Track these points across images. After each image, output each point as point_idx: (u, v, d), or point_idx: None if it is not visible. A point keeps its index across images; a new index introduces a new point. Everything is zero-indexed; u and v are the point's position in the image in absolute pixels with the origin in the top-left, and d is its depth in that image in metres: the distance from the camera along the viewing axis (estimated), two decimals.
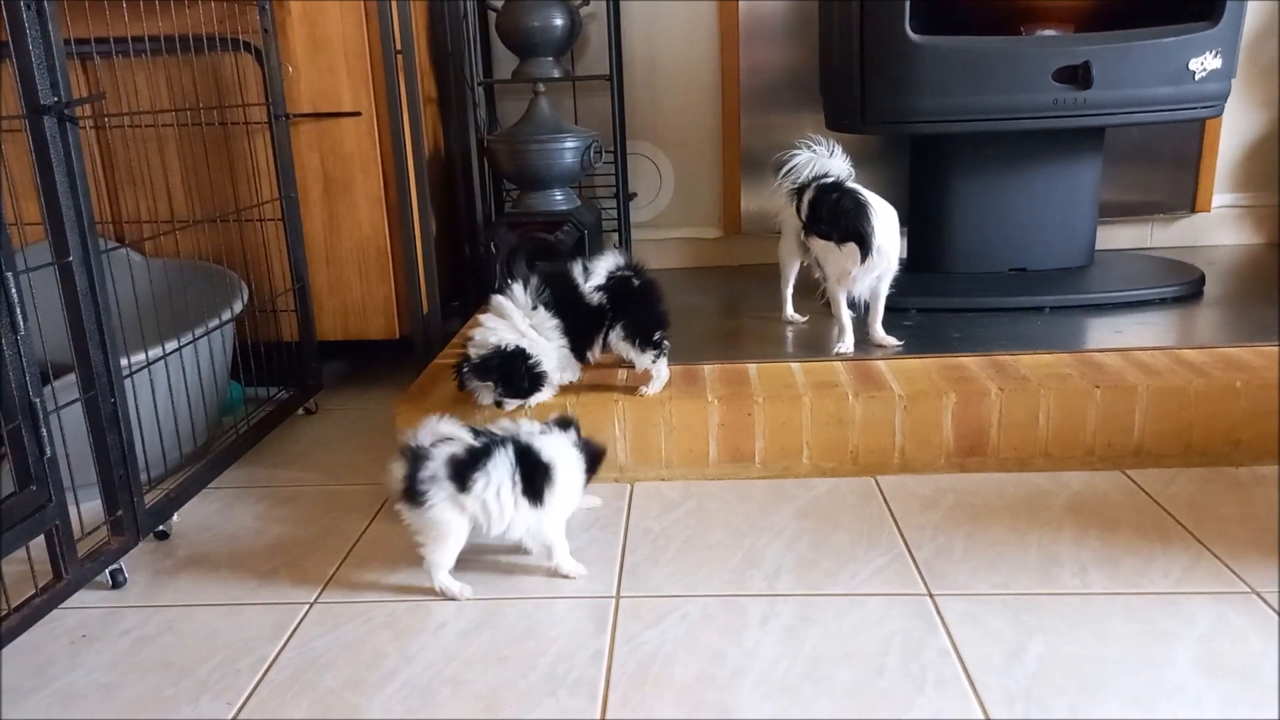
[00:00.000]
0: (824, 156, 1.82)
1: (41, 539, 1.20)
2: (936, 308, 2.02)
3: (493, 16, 2.32)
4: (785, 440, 1.61)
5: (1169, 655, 1.10)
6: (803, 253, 1.89)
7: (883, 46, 1.94)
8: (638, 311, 1.58)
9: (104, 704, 1.11)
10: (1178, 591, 1.23)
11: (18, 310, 1.13)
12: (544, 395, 1.59)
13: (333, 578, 1.37)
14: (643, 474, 1.64)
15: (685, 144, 2.57)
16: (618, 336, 1.58)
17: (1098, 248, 2.21)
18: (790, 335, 1.93)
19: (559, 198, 2.24)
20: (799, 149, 1.84)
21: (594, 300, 1.56)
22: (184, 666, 1.17)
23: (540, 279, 1.59)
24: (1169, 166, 2.52)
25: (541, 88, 2.22)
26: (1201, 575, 1.27)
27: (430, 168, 2.05)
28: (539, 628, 1.22)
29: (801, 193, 1.82)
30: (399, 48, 1.88)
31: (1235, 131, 2.50)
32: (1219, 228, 2.58)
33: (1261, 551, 1.32)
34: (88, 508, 1.31)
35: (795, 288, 1.99)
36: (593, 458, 1.37)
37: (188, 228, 1.93)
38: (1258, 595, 1.21)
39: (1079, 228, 2.16)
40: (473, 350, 1.55)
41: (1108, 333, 1.84)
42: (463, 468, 1.26)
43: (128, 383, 1.37)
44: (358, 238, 2.02)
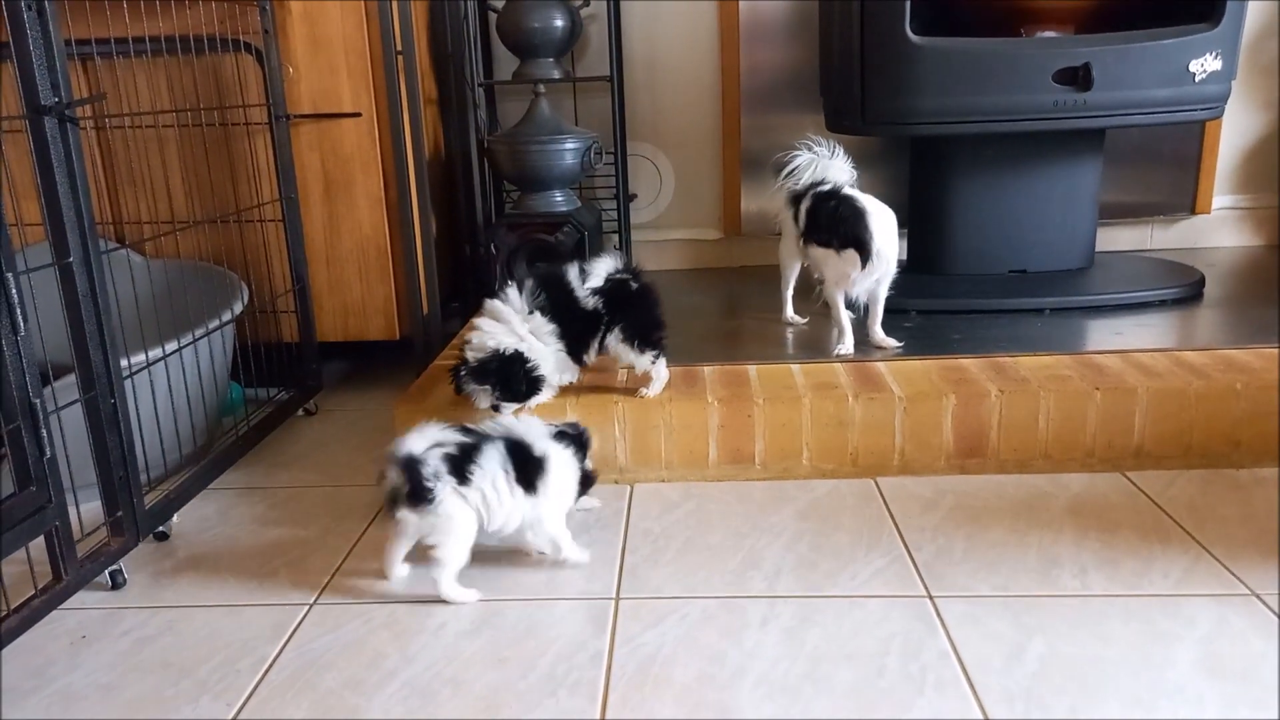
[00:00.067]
0: (825, 157, 1.82)
1: (41, 540, 1.20)
2: (936, 309, 2.02)
3: (493, 17, 2.33)
4: (785, 441, 1.61)
5: (1169, 656, 1.10)
6: (803, 255, 1.89)
7: (883, 47, 1.95)
8: (636, 314, 1.58)
9: (104, 704, 1.11)
10: (1178, 593, 1.23)
11: (18, 311, 1.13)
12: (543, 397, 1.59)
13: (333, 578, 1.37)
14: (643, 475, 1.64)
15: (685, 145, 2.57)
16: (616, 339, 1.57)
17: (1098, 249, 2.21)
18: (790, 336, 1.93)
19: (559, 199, 2.24)
20: (800, 150, 1.84)
21: (590, 304, 1.56)
22: (184, 667, 1.17)
23: (535, 282, 1.58)
24: (1169, 168, 2.52)
25: (542, 89, 2.23)
26: (1201, 577, 1.27)
27: (430, 168, 2.05)
28: (539, 628, 1.22)
29: (798, 201, 1.82)
30: (399, 48, 1.88)
31: (1235, 133, 2.51)
32: (1219, 229, 2.59)
33: (1261, 553, 1.32)
34: (87, 508, 1.31)
35: (795, 289, 1.99)
36: (582, 447, 1.41)
37: (188, 228, 1.93)
38: (1258, 597, 1.21)
39: (1079, 229, 2.16)
40: (470, 354, 1.54)
41: (1108, 334, 1.84)
42: (459, 462, 1.28)
43: (128, 383, 1.37)
44: (358, 238, 2.02)
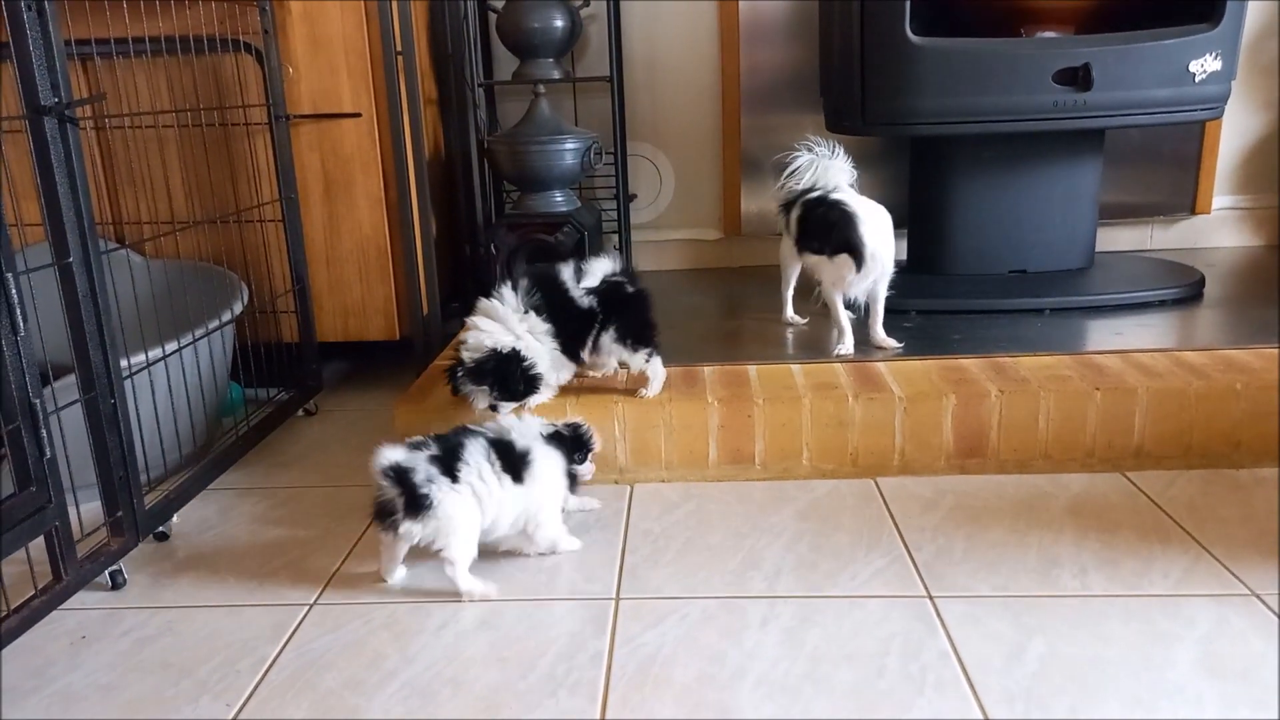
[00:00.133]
0: (825, 158, 1.82)
1: (41, 540, 1.20)
2: (936, 309, 2.02)
3: (493, 17, 2.33)
4: (785, 442, 1.61)
5: (1169, 656, 1.10)
6: (800, 258, 1.89)
7: (883, 48, 1.95)
8: (630, 315, 1.58)
9: (104, 705, 1.11)
10: (1178, 593, 1.23)
11: (18, 311, 1.13)
12: (541, 397, 1.59)
13: (332, 578, 1.37)
14: (643, 475, 1.64)
15: (685, 145, 2.57)
16: (610, 338, 1.58)
17: (1098, 249, 2.21)
18: (790, 337, 1.93)
19: (559, 199, 2.24)
20: (800, 151, 1.84)
21: (586, 303, 1.57)
22: (184, 667, 1.17)
23: (530, 281, 1.58)
24: (1169, 168, 2.52)
25: (542, 89, 2.23)
26: (1201, 577, 1.27)
27: (430, 169, 2.05)
28: (539, 628, 1.22)
29: (789, 209, 1.81)
30: (399, 48, 1.88)
31: (1235, 133, 2.51)
32: (1219, 229, 2.58)
33: (1261, 553, 1.32)
34: (87, 509, 1.31)
35: (795, 289, 1.99)
36: (580, 446, 1.43)
37: (188, 229, 1.93)
38: (1257, 597, 1.21)
39: (1079, 229, 2.16)
40: (466, 354, 1.53)
41: (1108, 334, 1.84)
42: (446, 462, 1.29)
43: (128, 384, 1.37)
44: (358, 238, 2.02)
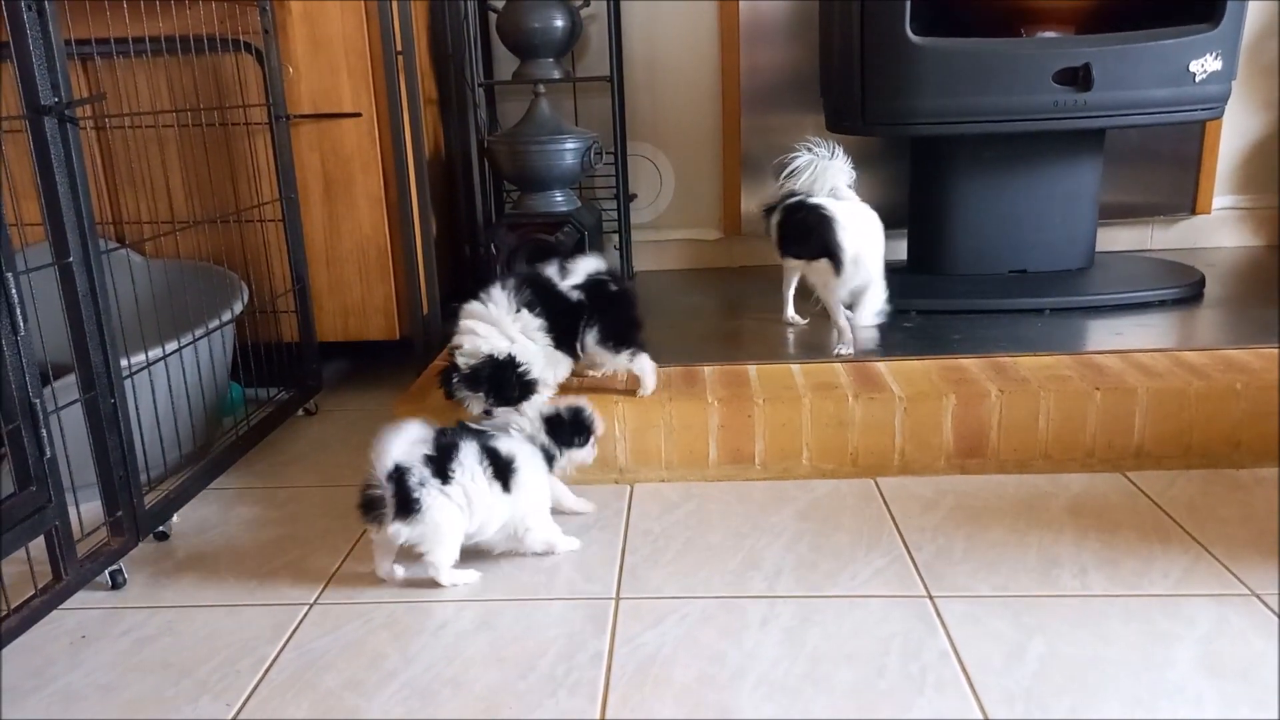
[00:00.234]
0: (825, 159, 1.82)
1: (41, 540, 1.20)
2: (937, 309, 2.02)
3: (493, 17, 2.32)
4: (785, 441, 1.61)
5: (1169, 656, 1.10)
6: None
7: (883, 48, 1.94)
8: (612, 316, 1.59)
9: (104, 704, 1.11)
10: (1178, 593, 1.23)
11: (18, 311, 1.13)
12: (540, 399, 1.58)
13: (332, 578, 1.37)
14: (643, 475, 1.64)
15: (685, 145, 2.57)
16: (594, 339, 1.58)
17: (1098, 249, 2.20)
18: (790, 337, 1.93)
19: (559, 199, 2.24)
20: (799, 152, 1.84)
21: (575, 296, 1.57)
22: (184, 667, 1.17)
23: (518, 281, 1.58)
24: (1169, 168, 2.52)
25: (542, 89, 2.22)
26: (1201, 577, 1.27)
27: (430, 168, 2.05)
28: (539, 629, 1.22)
29: (770, 213, 1.80)
30: (399, 48, 1.88)
31: (1235, 133, 2.51)
32: (1219, 230, 2.58)
33: (1261, 554, 1.32)
34: (87, 508, 1.31)
35: (796, 289, 1.99)
36: (546, 458, 1.42)
37: (188, 228, 1.93)
38: (1258, 597, 1.21)
39: (1079, 229, 2.16)
40: (461, 359, 1.52)
41: (1108, 334, 1.84)
42: (441, 463, 1.29)
43: (128, 383, 1.37)
44: (358, 238, 2.02)
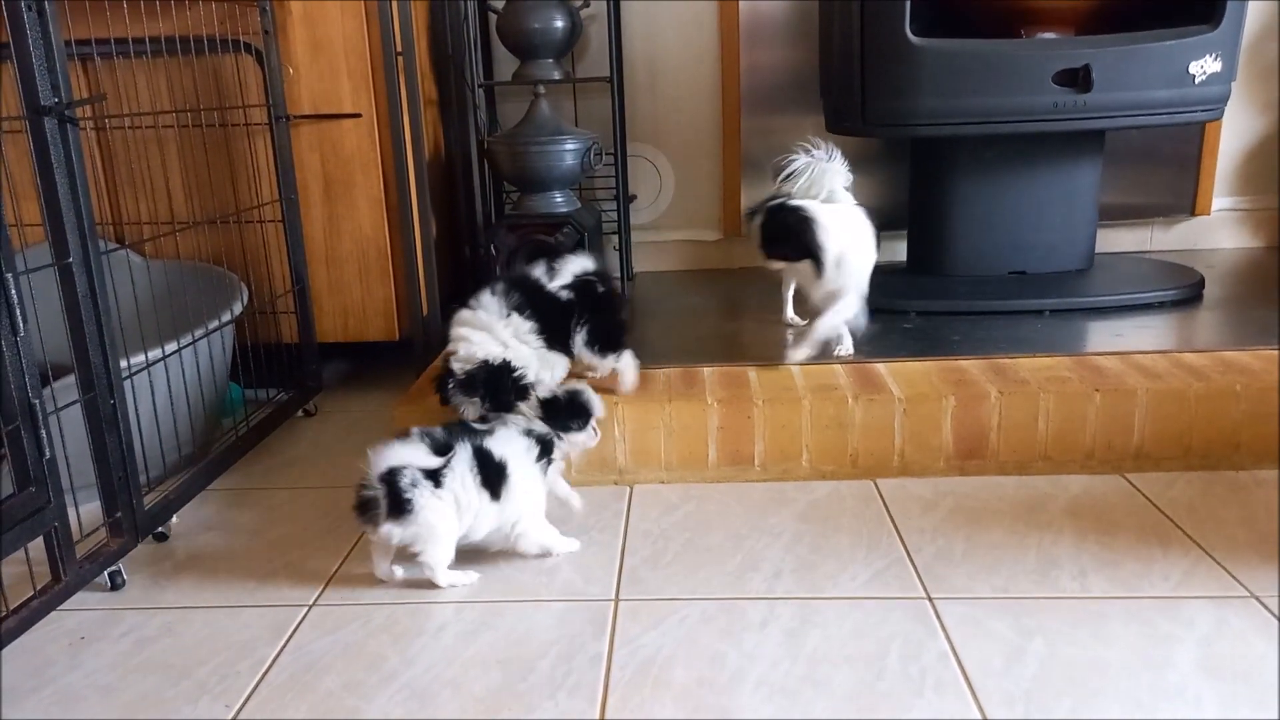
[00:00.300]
0: (822, 161, 1.82)
1: (40, 540, 1.20)
2: (936, 310, 2.02)
3: (493, 18, 2.32)
4: (785, 443, 1.61)
5: (1169, 658, 1.10)
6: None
7: (883, 48, 1.94)
8: (600, 317, 1.59)
9: (103, 705, 1.11)
10: (1177, 595, 1.23)
11: (18, 312, 1.13)
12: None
13: (332, 579, 1.37)
14: (642, 476, 1.64)
15: (685, 146, 2.57)
16: (581, 342, 1.58)
17: (1097, 251, 2.20)
18: (790, 338, 1.92)
19: (559, 200, 2.24)
20: (797, 154, 1.83)
21: (564, 296, 1.57)
22: (183, 668, 1.17)
23: (506, 285, 1.58)
24: (1169, 169, 2.52)
25: (542, 89, 2.22)
26: (1201, 579, 1.27)
27: (430, 169, 2.05)
28: (538, 630, 1.22)
29: (753, 216, 1.79)
30: (399, 49, 1.88)
31: (1235, 134, 2.51)
32: (1219, 231, 2.59)
33: (1261, 555, 1.32)
34: (87, 509, 1.31)
35: (795, 291, 1.99)
36: (545, 446, 1.40)
37: (188, 229, 1.93)
38: (1257, 599, 1.21)
39: (1079, 231, 2.16)
40: (457, 365, 1.52)
41: (1107, 336, 1.84)
42: (433, 468, 1.29)
43: (127, 384, 1.37)
44: (358, 239, 2.02)
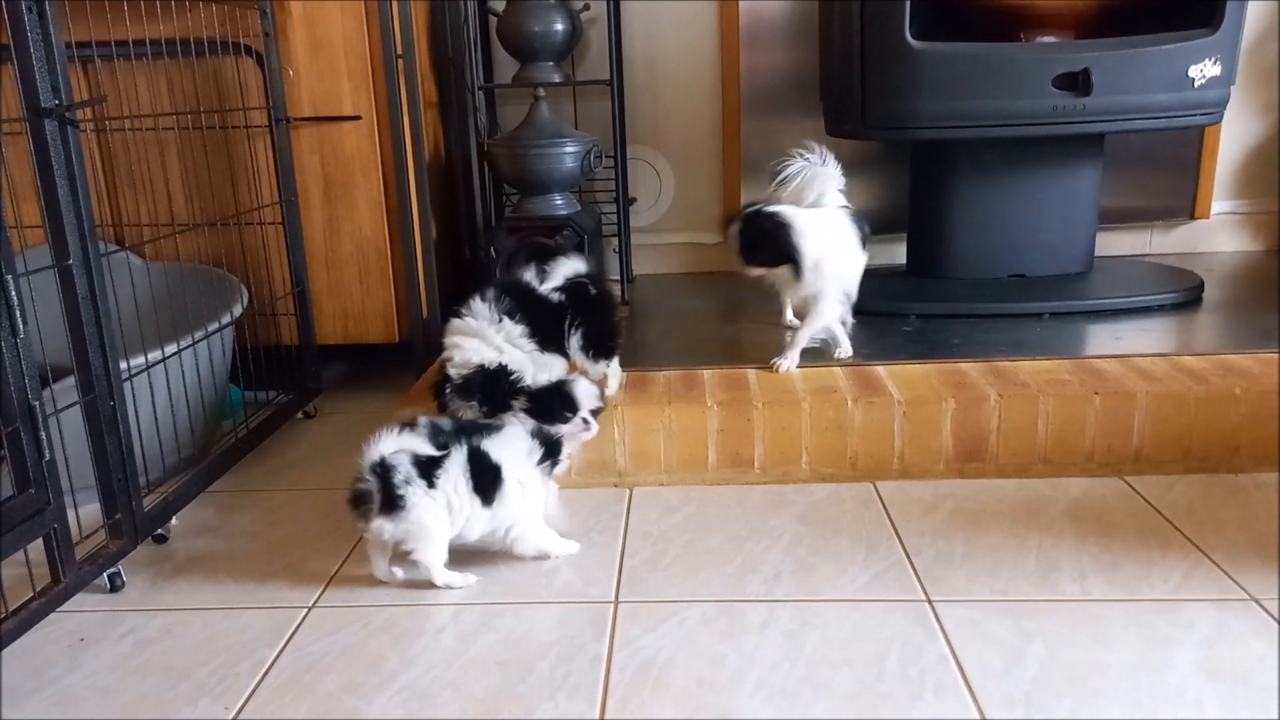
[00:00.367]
0: (816, 164, 1.82)
1: (40, 542, 1.20)
2: (936, 313, 2.02)
3: (493, 21, 2.33)
4: (785, 445, 1.61)
5: (1168, 661, 1.10)
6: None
7: (883, 52, 1.95)
8: (593, 321, 1.59)
9: (103, 706, 1.11)
10: (1177, 598, 1.23)
11: (17, 313, 1.13)
12: None
13: (331, 581, 1.37)
14: (642, 478, 1.64)
15: (685, 149, 2.57)
16: (575, 345, 1.59)
17: (1097, 254, 2.20)
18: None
19: (559, 202, 2.25)
20: (793, 158, 1.83)
21: (556, 299, 1.58)
22: (182, 669, 1.17)
23: (496, 290, 1.58)
24: (1169, 173, 2.52)
25: (542, 92, 2.23)
26: (1201, 581, 1.27)
27: (430, 171, 2.05)
28: (538, 631, 1.22)
29: (730, 224, 1.78)
30: (400, 51, 1.89)
31: (1235, 138, 2.51)
32: (1218, 234, 2.59)
33: (1261, 558, 1.32)
34: (86, 511, 1.31)
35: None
36: (551, 447, 1.39)
37: (188, 231, 1.93)
38: (1257, 602, 1.21)
39: (1078, 234, 2.16)
40: (453, 371, 1.53)
41: (1107, 339, 1.84)
42: (427, 466, 1.29)
43: (127, 386, 1.37)
44: (358, 241, 2.02)
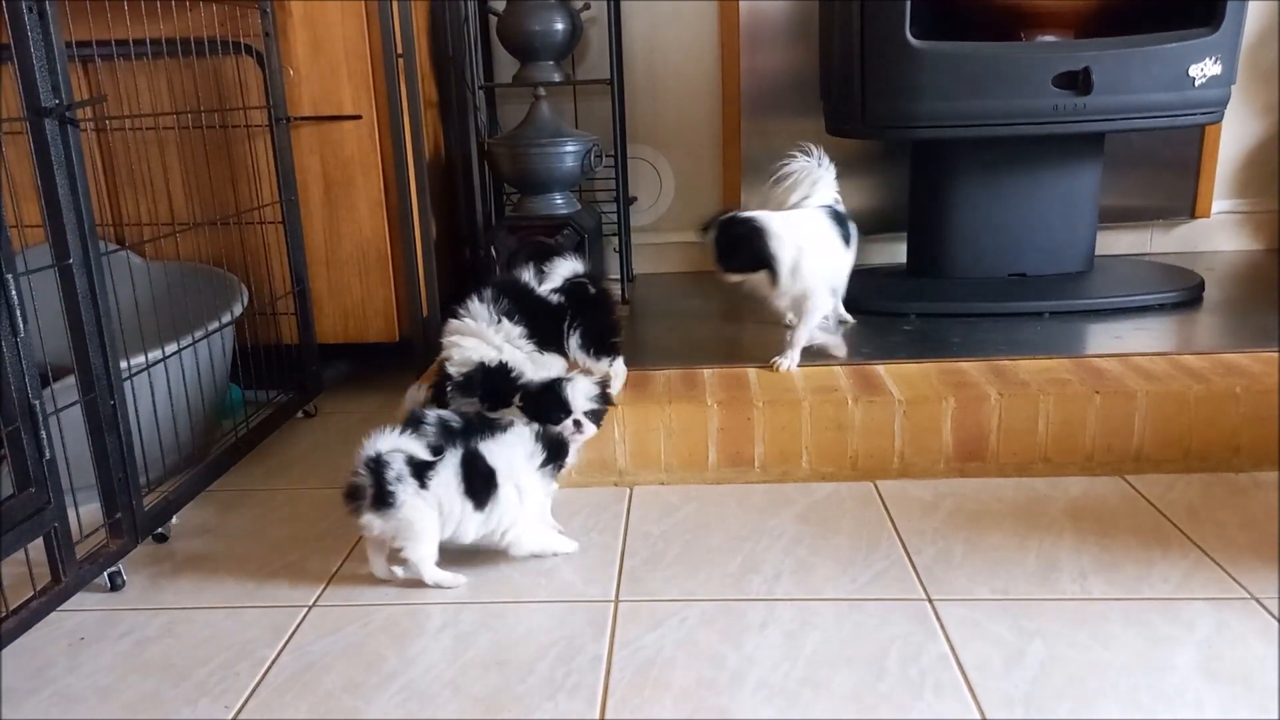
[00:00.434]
0: (812, 165, 1.82)
1: (40, 541, 1.20)
2: (936, 313, 2.02)
3: (494, 20, 2.33)
4: (785, 444, 1.61)
5: (1169, 660, 1.10)
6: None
7: (883, 51, 1.95)
8: (593, 319, 1.60)
9: (103, 706, 1.11)
10: (1177, 597, 1.23)
11: (18, 312, 1.13)
12: None
13: (331, 580, 1.37)
14: (642, 478, 1.64)
15: (686, 148, 2.57)
16: (575, 344, 1.59)
17: (1097, 253, 2.20)
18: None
19: (559, 201, 2.25)
20: (791, 158, 1.83)
21: (554, 299, 1.58)
22: (183, 669, 1.17)
23: (494, 291, 1.59)
24: (1169, 172, 2.52)
25: (542, 91, 2.23)
26: (1201, 581, 1.27)
27: (431, 171, 2.05)
28: (538, 631, 1.22)
29: (706, 231, 1.77)
30: (400, 51, 1.89)
31: (1235, 137, 2.51)
32: (1219, 233, 2.59)
33: (1261, 557, 1.32)
34: (86, 510, 1.31)
35: None
36: (556, 449, 1.38)
37: (188, 230, 1.93)
38: (1257, 601, 1.21)
39: (1079, 233, 2.16)
40: (453, 369, 1.54)
41: (1107, 338, 1.84)
42: (421, 465, 1.29)
43: (127, 385, 1.37)
44: (358, 240, 2.02)
